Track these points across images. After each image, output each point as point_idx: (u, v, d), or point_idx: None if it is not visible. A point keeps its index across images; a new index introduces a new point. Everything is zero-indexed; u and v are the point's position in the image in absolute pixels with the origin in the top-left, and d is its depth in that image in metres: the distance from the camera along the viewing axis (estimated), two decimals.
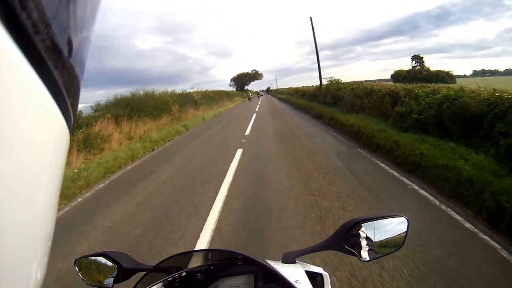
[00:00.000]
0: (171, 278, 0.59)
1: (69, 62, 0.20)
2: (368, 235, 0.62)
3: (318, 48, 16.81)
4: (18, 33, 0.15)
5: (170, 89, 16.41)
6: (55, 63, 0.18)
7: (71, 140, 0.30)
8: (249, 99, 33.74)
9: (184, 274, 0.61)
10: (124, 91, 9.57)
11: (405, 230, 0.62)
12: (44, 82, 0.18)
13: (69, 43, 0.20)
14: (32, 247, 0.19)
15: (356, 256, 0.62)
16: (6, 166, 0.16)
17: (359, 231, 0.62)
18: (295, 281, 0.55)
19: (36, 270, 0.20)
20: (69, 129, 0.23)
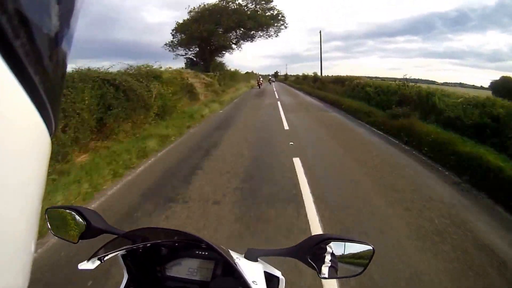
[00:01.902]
0: (135, 247, 0.61)
1: (50, 66, 0.20)
2: (333, 253, 0.62)
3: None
4: None
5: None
6: (35, 68, 0.18)
7: None
8: (258, 85, 25.92)
9: (148, 245, 0.63)
10: (134, 63, 7.30)
11: (369, 258, 0.61)
12: (24, 87, 0.18)
13: (51, 47, 0.19)
14: (15, 247, 0.20)
15: (316, 270, 0.62)
16: None
17: (327, 247, 0.62)
18: (253, 281, 0.55)
19: (21, 270, 0.21)
20: (50, 134, 0.22)
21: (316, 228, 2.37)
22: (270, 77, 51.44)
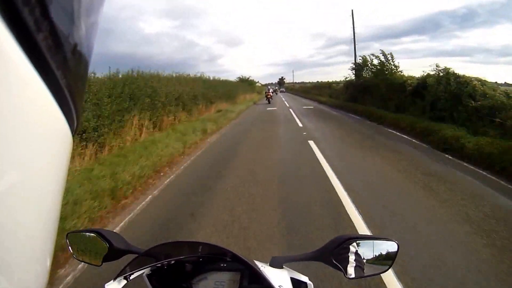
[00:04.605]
0: (159, 264, 0.61)
1: (73, 61, 0.19)
2: (357, 252, 0.62)
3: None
4: (19, 31, 0.14)
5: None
6: (58, 63, 0.17)
7: None
8: (267, 99, 19.84)
9: (172, 262, 0.63)
10: None
11: (394, 254, 0.62)
12: (46, 84, 0.17)
13: (73, 41, 0.18)
14: (36, 245, 0.20)
15: (342, 271, 0.62)
16: (8, 169, 0.16)
17: (350, 246, 0.62)
18: (279, 286, 0.55)
19: (41, 265, 0.21)
20: (72, 133, 0.22)
21: None
22: (276, 87, 38.14)
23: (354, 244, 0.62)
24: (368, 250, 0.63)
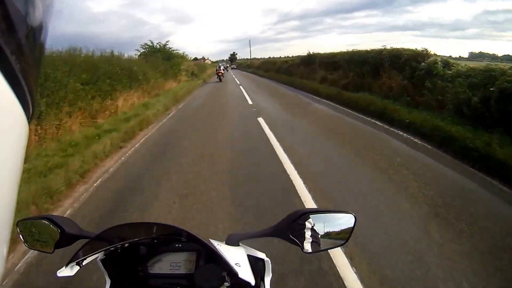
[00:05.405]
0: (113, 248, 0.60)
1: (27, 46, 0.18)
2: (314, 227, 0.62)
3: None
4: None
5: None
6: (11, 48, 0.16)
7: None
8: (218, 77, 19.04)
9: (126, 245, 0.61)
10: None
11: (352, 226, 0.62)
12: (1, 71, 0.16)
13: (28, 24, 0.18)
14: None
15: (299, 246, 0.62)
16: None
17: (306, 222, 0.62)
18: (235, 264, 0.55)
19: None
20: (27, 119, 0.21)
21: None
22: (223, 63, 34.19)
23: (311, 218, 0.62)
24: (325, 224, 0.63)
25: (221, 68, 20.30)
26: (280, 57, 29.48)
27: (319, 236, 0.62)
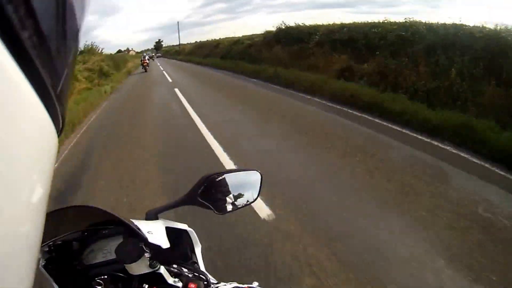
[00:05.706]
0: (47, 248, 0.58)
1: (58, 59, 0.19)
2: (223, 189, 0.66)
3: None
4: (2, 28, 0.14)
5: None
6: (43, 62, 0.17)
7: None
8: (144, 67, 18.63)
9: (59, 242, 0.61)
10: None
11: (259, 183, 0.67)
12: (31, 83, 0.17)
13: (59, 40, 0.19)
14: (19, 252, 0.19)
15: (211, 209, 0.64)
16: None
17: (214, 184, 0.65)
18: (147, 232, 0.56)
19: (26, 272, 0.20)
20: (57, 133, 0.22)
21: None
22: (149, 53, 33.54)
23: (219, 180, 0.64)
24: (233, 183, 0.65)
25: (146, 58, 20.31)
26: (219, 38, 23.89)
27: (231, 196, 0.65)
